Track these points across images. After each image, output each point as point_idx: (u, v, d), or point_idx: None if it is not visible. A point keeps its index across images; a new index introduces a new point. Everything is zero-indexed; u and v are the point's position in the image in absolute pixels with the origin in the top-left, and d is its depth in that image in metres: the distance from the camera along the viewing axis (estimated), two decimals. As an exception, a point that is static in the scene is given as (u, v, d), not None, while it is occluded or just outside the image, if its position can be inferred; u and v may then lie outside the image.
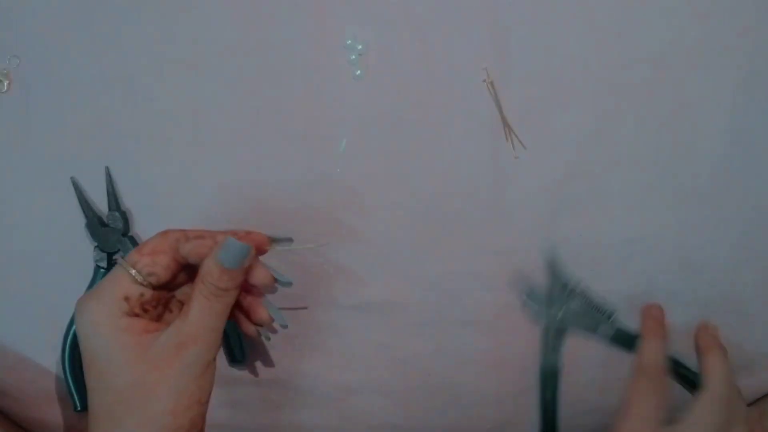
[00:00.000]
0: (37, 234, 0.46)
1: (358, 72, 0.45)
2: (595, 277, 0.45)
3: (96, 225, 0.45)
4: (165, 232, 0.36)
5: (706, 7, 0.44)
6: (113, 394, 0.33)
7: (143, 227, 0.46)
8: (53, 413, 0.47)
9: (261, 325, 0.40)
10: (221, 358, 0.46)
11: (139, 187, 0.46)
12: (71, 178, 0.45)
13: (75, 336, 0.45)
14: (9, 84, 0.46)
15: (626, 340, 0.45)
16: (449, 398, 0.47)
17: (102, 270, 0.45)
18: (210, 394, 0.35)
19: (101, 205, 0.46)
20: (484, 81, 0.44)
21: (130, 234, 0.46)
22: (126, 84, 0.46)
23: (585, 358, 0.46)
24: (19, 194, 0.46)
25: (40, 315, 0.46)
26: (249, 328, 0.40)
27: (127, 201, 0.46)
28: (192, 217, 0.46)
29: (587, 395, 0.47)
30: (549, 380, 0.45)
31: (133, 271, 0.35)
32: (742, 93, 0.44)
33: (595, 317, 0.45)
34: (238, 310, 0.40)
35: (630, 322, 0.46)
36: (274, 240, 0.39)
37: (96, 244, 0.45)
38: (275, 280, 0.39)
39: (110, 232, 0.45)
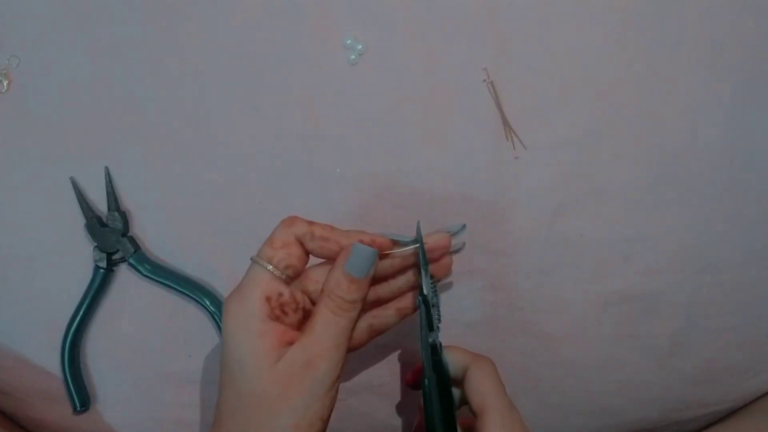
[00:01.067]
0: (37, 234, 0.46)
1: (358, 71, 0.45)
2: (595, 276, 0.45)
3: (95, 225, 0.45)
4: (290, 223, 0.36)
5: (706, 7, 0.44)
6: (240, 399, 0.33)
7: (143, 227, 0.46)
8: (53, 413, 0.47)
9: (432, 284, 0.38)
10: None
11: (139, 187, 0.46)
12: (71, 178, 0.45)
13: (75, 336, 0.45)
14: (9, 84, 0.46)
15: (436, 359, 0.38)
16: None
17: (101, 270, 0.45)
18: (332, 410, 0.35)
19: (101, 205, 0.46)
20: (485, 81, 0.44)
21: (129, 234, 0.46)
22: (126, 84, 0.46)
23: (582, 360, 0.46)
24: (18, 194, 0.46)
25: (40, 315, 0.46)
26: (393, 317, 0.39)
27: (127, 201, 0.46)
28: (192, 217, 0.46)
29: (586, 397, 0.47)
30: (428, 397, 0.37)
31: (271, 267, 0.34)
32: (741, 92, 0.44)
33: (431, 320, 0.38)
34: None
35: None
36: (396, 242, 0.37)
37: (95, 244, 0.45)
38: (450, 235, 0.39)
39: (110, 233, 0.45)
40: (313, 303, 0.36)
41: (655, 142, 0.44)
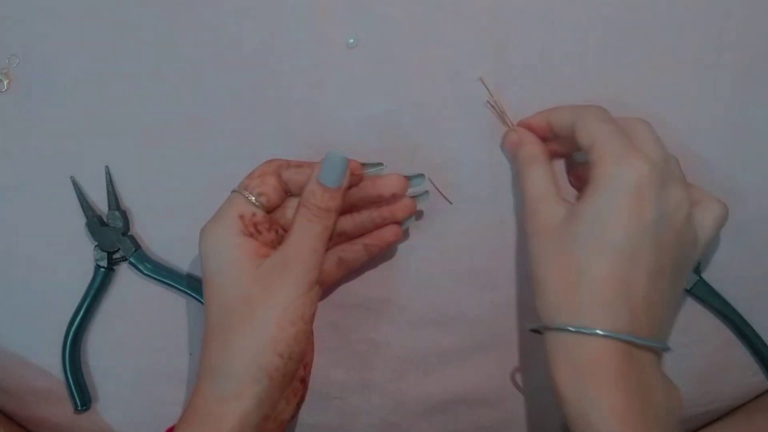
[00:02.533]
0: (37, 233, 0.46)
1: (358, 70, 0.45)
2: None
3: (96, 224, 0.45)
4: (270, 160, 0.39)
5: (706, 7, 0.44)
6: (225, 307, 0.36)
7: (143, 226, 0.46)
8: (53, 413, 0.47)
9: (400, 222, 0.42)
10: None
11: (139, 187, 0.46)
12: (71, 177, 0.45)
13: (76, 335, 0.45)
14: (9, 83, 0.46)
15: None
16: (448, 397, 0.47)
17: (102, 269, 0.45)
18: (313, 315, 0.38)
19: (101, 204, 0.46)
20: (479, 79, 0.44)
21: (130, 233, 0.46)
22: (126, 83, 0.46)
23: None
24: (18, 193, 0.46)
25: (40, 315, 0.46)
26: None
27: (127, 200, 0.46)
28: (192, 216, 0.45)
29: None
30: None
31: (246, 192, 0.38)
32: (741, 91, 0.44)
33: None
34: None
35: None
36: (365, 164, 0.40)
37: (96, 243, 0.45)
38: (407, 178, 0.41)
39: (110, 232, 0.45)
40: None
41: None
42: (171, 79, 0.45)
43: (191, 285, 0.45)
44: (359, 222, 0.41)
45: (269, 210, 0.39)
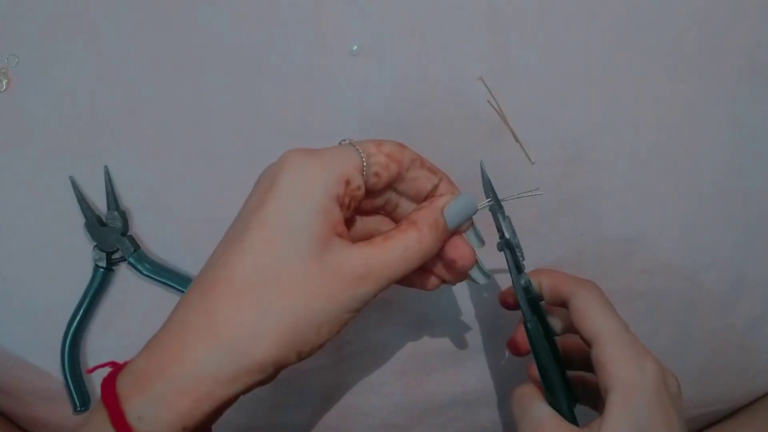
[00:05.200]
0: (37, 233, 0.46)
1: (358, 70, 0.45)
2: (594, 275, 0.45)
3: (95, 224, 0.45)
4: (404, 146, 0.33)
5: (706, 6, 0.44)
6: (271, 271, 0.29)
7: (142, 226, 0.46)
8: (53, 413, 0.47)
9: (462, 271, 0.35)
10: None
11: (138, 187, 0.46)
12: (70, 177, 0.45)
13: (75, 335, 0.45)
14: (8, 83, 0.46)
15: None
16: (448, 398, 0.47)
17: (101, 269, 0.45)
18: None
19: (100, 204, 0.46)
20: (479, 79, 0.44)
21: (129, 233, 0.46)
22: (125, 84, 0.46)
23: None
24: (18, 194, 0.46)
25: (40, 315, 0.46)
26: (431, 281, 0.36)
27: (126, 200, 0.46)
28: (192, 216, 0.46)
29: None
30: (535, 340, 0.37)
31: (365, 160, 0.31)
32: (742, 91, 0.44)
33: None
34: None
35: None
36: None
37: (95, 243, 0.45)
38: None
39: (109, 232, 0.45)
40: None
41: (654, 141, 0.44)
42: (171, 79, 0.45)
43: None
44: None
45: (366, 194, 0.32)
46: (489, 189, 0.37)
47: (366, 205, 0.34)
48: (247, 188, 0.45)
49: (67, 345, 0.45)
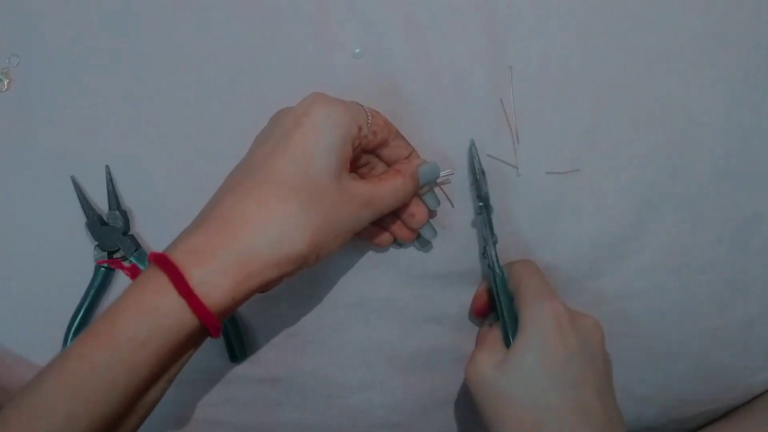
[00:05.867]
0: (38, 233, 0.46)
1: (359, 70, 0.45)
2: (592, 274, 0.46)
3: (96, 224, 0.45)
4: (389, 120, 0.41)
5: (706, 6, 0.44)
6: (311, 181, 0.35)
7: (143, 226, 0.46)
8: (53, 413, 0.47)
9: (416, 226, 0.43)
10: (221, 358, 0.46)
11: (139, 186, 0.46)
12: (71, 177, 0.45)
13: (76, 335, 0.45)
14: (9, 83, 0.46)
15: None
16: (449, 396, 0.47)
17: (102, 269, 0.45)
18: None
19: (101, 204, 0.46)
20: (509, 67, 0.44)
21: (130, 233, 0.46)
22: (126, 83, 0.46)
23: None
24: (19, 193, 0.46)
25: (40, 315, 0.46)
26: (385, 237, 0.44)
27: (128, 200, 0.46)
28: (192, 216, 0.45)
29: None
30: (500, 288, 0.43)
31: (370, 118, 0.39)
32: (741, 90, 0.44)
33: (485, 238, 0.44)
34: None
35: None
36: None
37: (96, 243, 0.45)
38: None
39: (110, 231, 0.45)
40: None
41: (653, 141, 0.45)
42: (172, 79, 0.45)
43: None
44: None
45: (363, 149, 0.40)
46: (475, 165, 0.44)
47: (352, 162, 0.40)
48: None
49: (68, 344, 0.45)
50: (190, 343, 0.34)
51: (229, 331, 0.45)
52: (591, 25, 0.44)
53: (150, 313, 0.32)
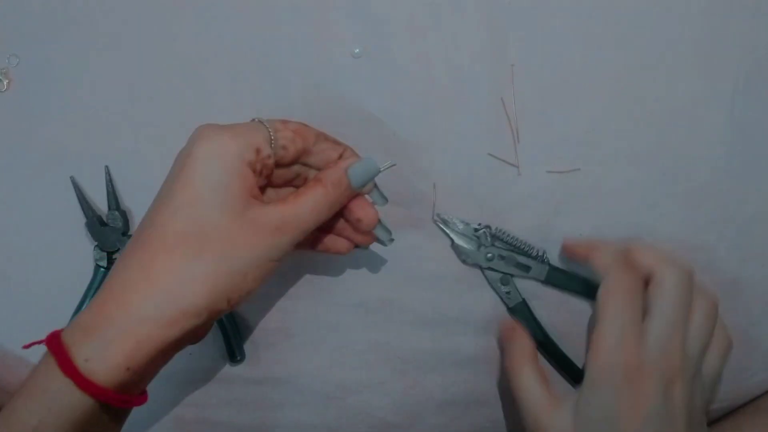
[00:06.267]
0: (37, 233, 0.46)
1: (358, 70, 0.45)
2: (593, 275, 0.45)
3: (96, 224, 0.45)
4: (308, 125, 0.38)
5: (706, 6, 0.44)
6: (197, 226, 0.33)
7: (143, 226, 0.46)
8: (53, 413, 0.47)
9: (365, 230, 0.40)
10: (220, 359, 0.46)
11: (139, 187, 0.46)
12: (71, 177, 0.45)
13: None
14: (9, 83, 0.46)
15: (560, 280, 0.45)
16: (448, 397, 0.47)
17: (102, 269, 0.45)
18: (264, 282, 0.36)
19: (101, 204, 0.46)
20: (511, 66, 0.44)
21: (130, 233, 0.46)
22: (126, 83, 0.46)
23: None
24: (18, 194, 0.46)
25: (40, 314, 0.46)
26: (341, 244, 0.41)
27: (127, 200, 0.46)
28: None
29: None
30: (521, 314, 0.45)
31: (273, 134, 0.35)
32: (741, 91, 0.44)
33: (525, 258, 0.45)
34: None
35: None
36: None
37: (96, 243, 0.45)
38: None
39: (110, 232, 0.45)
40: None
41: (654, 141, 0.45)
42: (172, 79, 0.45)
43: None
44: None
45: (276, 165, 0.37)
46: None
47: (278, 179, 0.38)
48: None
49: (67, 345, 0.45)
50: (98, 421, 0.32)
51: (229, 332, 0.45)
52: (592, 24, 0.44)
53: (40, 397, 0.31)
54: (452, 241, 0.45)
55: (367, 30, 0.45)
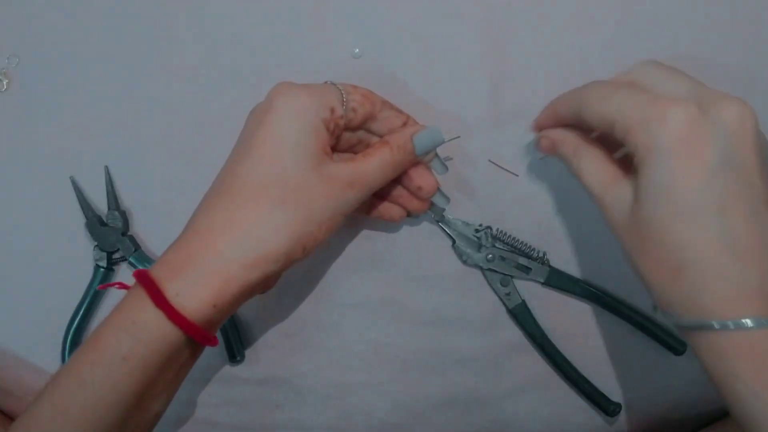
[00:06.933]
0: (37, 234, 0.46)
1: (358, 70, 0.45)
2: (594, 275, 0.45)
3: (95, 224, 0.45)
4: (373, 92, 0.39)
5: (705, 7, 0.44)
6: (279, 177, 0.34)
7: (143, 226, 0.46)
8: (53, 413, 0.47)
9: (424, 197, 0.41)
10: (220, 358, 0.46)
11: (139, 187, 0.46)
12: (70, 177, 0.45)
13: (75, 335, 0.45)
14: (9, 83, 0.46)
15: (560, 281, 0.45)
16: (448, 397, 0.47)
17: (102, 269, 0.45)
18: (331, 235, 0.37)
19: (101, 204, 0.46)
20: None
21: (129, 233, 0.46)
22: (126, 84, 0.46)
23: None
24: (18, 194, 0.46)
25: (40, 315, 0.46)
26: (396, 211, 0.42)
27: (127, 200, 0.46)
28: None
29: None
30: (521, 315, 0.45)
31: (345, 96, 0.37)
32: (741, 92, 0.44)
33: (525, 260, 0.45)
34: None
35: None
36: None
37: (96, 243, 0.45)
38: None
39: (110, 232, 0.45)
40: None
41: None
42: (172, 79, 0.45)
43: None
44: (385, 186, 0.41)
45: (345, 127, 0.38)
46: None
47: (343, 143, 0.39)
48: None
49: (67, 344, 0.45)
50: (180, 355, 0.34)
51: (229, 331, 0.45)
52: (591, 24, 0.44)
53: (130, 328, 0.33)
54: (453, 241, 0.45)
55: (367, 30, 0.44)
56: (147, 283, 0.33)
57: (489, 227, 0.45)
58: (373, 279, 0.46)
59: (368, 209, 0.42)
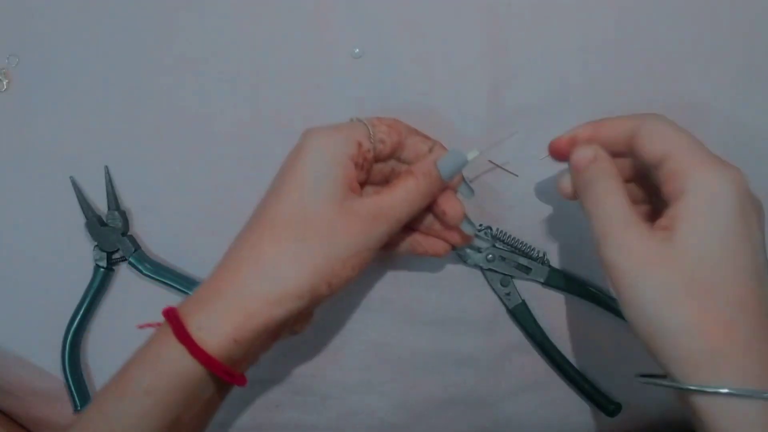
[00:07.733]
0: (37, 234, 0.46)
1: (358, 70, 0.45)
2: (594, 275, 0.45)
3: (95, 224, 0.45)
4: (399, 120, 0.39)
5: (706, 5, 0.44)
6: (303, 213, 0.35)
7: (142, 227, 0.46)
8: (53, 413, 0.47)
9: (453, 225, 0.40)
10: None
11: (139, 187, 0.46)
12: (70, 177, 0.45)
13: (75, 335, 0.45)
14: (8, 83, 0.46)
15: (560, 281, 0.45)
16: (448, 397, 0.47)
17: (101, 269, 0.45)
18: (361, 271, 0.37)
19: (100, 204, 0.46)
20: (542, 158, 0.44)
21: (129, 233, 0.46)
22: (126, 84, 0.46)
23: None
24: (18, 194, 0.46)
25: (40, 314, 0.46)
26: (436, 245, 0.41)
27: (127, 200, 0.46)
28: (192, 216, 0.46)
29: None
30: (521, 315, 0.45)
31: (371, 129, 0.38)
32: (742, 90, 0.44)
33: (525, 260, 0.45)
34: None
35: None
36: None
37: (96, 243, 0.45)
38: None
39: (110, 232, 0.45)
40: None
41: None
42: (172, 79, 0.45)
43: (190, 285, 0.45)
44: (421, 218, 0.41)
45: (375, 159, 0.38)
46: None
47: (376, 175, 0.40)
48: (247, 188, 0.45)
49: (67, 344, 0.45)
50: (204, 391, 0.35)
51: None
52: (591, 25, 0.44)
53: (153, 362, 0.33)
54: None
55: (367, 30, 0.44)
56: (172, 317, 0.34)
57: (489, 227, 0.45)
58: (373, 279, 0.46)
59: (410, 245, 0.41)
